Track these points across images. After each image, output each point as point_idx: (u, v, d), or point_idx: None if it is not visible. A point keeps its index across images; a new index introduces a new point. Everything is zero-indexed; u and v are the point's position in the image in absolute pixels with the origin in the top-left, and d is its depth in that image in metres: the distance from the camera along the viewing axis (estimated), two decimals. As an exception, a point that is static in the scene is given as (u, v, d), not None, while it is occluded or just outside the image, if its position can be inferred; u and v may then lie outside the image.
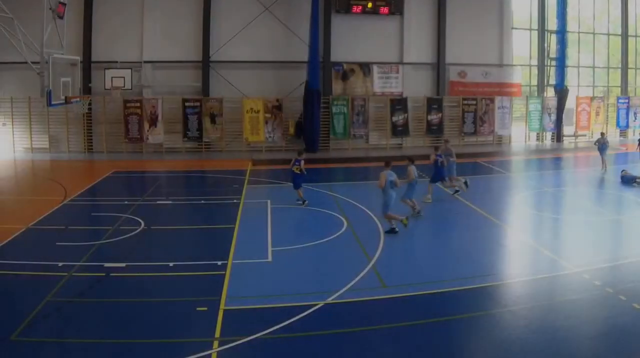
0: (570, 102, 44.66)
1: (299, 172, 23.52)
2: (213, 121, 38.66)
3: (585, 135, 45.41)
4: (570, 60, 44.93)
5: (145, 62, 38.69)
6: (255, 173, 31.58)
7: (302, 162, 23.60)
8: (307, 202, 23.60)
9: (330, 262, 17.32)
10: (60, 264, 16.35)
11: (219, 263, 16.60)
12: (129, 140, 38.55)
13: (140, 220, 21.07)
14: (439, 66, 42.09)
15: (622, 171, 28.87)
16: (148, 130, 38.37)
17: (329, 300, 13.92)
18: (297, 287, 15.00)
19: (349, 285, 14.86)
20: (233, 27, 38.88)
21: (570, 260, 16.94)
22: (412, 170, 21.13)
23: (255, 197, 25.44)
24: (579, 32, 46.32)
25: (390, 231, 19.49)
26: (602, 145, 31.76)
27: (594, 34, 47.15)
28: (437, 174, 24.82)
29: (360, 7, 39.91)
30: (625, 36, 47.64)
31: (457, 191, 25.60)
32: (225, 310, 13.31)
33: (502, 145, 42.91)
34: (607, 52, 48.54)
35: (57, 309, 13.30)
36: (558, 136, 44.86)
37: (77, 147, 39.04)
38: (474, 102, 42.20)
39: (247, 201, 24.72)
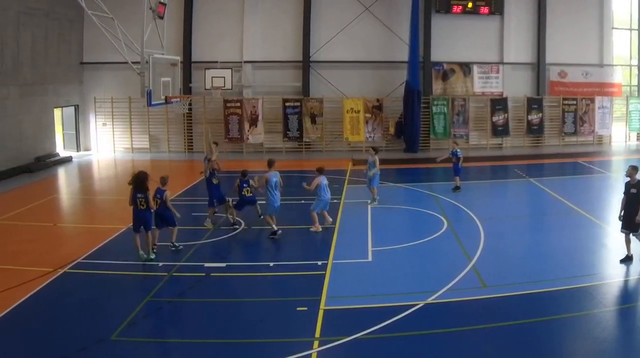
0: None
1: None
2: (313, 121, 38.80)
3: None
4: (671, 60, 43.28)
5: (245, 62, 39.16)
6: (355, 173, 31.32)
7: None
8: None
9: (430, 262, 17.22)
10: (160, 264, 16.67)
11: (319, 263, 16.62)
12: (229, 140, 39.02)
13: (240, 220, 21.11)
14: (539, 66, 41.24)
15: None
16: (248, 130, 38.80)
17: (429, 300, 13.83)
18: (397, 287, 14.91)
19: (449, 285, 14.76)
20: (333, 27, 38.99)
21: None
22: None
23: (355, 197, 25.30)
24: (679, 32, 44.39)
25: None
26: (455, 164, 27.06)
27: (695, 33, 45.04)
28: None
29: (460, 7, 39.52)
30: None
31: None
32: (325, 310, 13.30)
33: (603, 146, 41.99)
34: None
35: (158, 309, 13.49)
36: (658, 136, 43.56)
37: (177, 147, 39.92)
38: (574, 102, 41.38)
39: (347, 201, 24.68)
